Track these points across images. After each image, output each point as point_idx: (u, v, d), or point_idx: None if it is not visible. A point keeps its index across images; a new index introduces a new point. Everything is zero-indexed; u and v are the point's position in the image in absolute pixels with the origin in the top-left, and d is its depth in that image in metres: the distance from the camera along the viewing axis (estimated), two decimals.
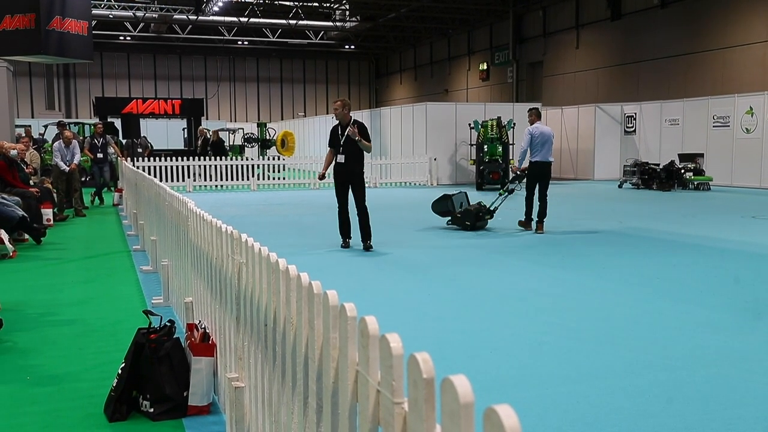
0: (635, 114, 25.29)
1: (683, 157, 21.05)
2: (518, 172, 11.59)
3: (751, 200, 16.78)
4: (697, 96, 24.16)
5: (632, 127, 25.39)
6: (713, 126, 22.04)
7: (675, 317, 5.85)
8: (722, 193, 19.21)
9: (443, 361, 4.61)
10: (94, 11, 31.60)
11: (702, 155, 21.14)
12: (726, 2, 25.58)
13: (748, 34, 24.82)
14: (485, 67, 41.10)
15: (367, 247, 9.28)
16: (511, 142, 22.10)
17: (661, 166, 20.72)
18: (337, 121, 9.20)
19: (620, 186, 21.53)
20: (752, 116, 20.72)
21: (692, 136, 22.75)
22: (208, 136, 23.85)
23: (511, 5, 36.78)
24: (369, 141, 9.21)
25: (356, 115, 29.91)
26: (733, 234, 10.79)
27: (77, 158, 14.13)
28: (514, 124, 22.56)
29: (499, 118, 21.73)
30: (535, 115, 11.19)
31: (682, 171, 20.33)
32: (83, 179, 16.40)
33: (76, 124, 26.17)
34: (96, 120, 24.88)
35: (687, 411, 3.81)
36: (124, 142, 22.27)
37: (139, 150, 21.98)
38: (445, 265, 8.32)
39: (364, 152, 9.24)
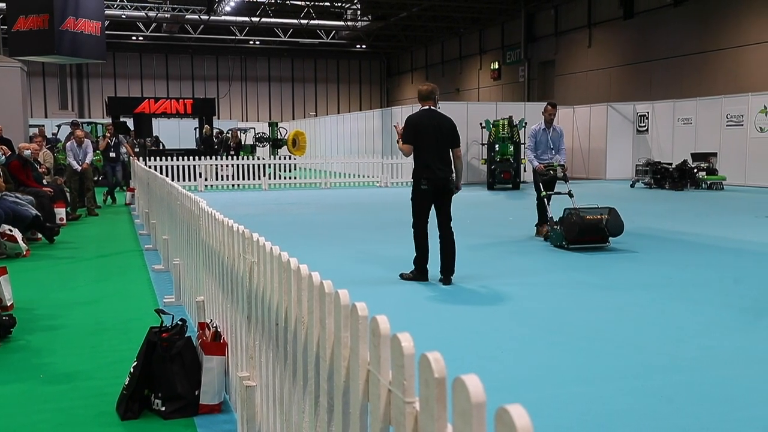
0: (648, 113, 25.15)
1: (696, 157, 20.91)
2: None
3: (765, 200, 16.64)
4: (710, 95, 23.97)
5: (645, 126, 25.25)
6: (726, 125, 21.87)
7: (688, 318, 5.81)
8: (735, 192, 19.07)
9: (454, 362, 4.60)
10: (107, 11, 31.74)
11: (715, 154, 20.99)
12: (739, 0, 25.39)
13: (762, 33, 24.63)
14: (497, 67, 41.00)
15: (403, 276, 7.40)
16: (522, 141, 22.02)
17: (673, 166, 20.60)
18: None
19: (632, 185, 21.43)
20: (766, 115, 20.54)
21: (705, 136, 22.58)
22: (211, 135, 24.00)
23: (522, 4, 36.66)
24: (404, 140, 7.13)
25: (367, 115, 29.95)
26: (746, 234, 10.71)
27: (89, 157, 14.21)
28: (526, 123, 22.48)
29: (510, 117, 21.67)
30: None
31: (695, 170, 20.21)
32: (96, 179, 16.48)
33: (89, 123, 26.32)
34: (108, 120, 25.03)
35: (701, 412, 3.79)
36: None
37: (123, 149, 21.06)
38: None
39: (410, 155, 7.17)
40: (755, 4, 24.81)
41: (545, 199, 10.05)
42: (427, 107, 7.23)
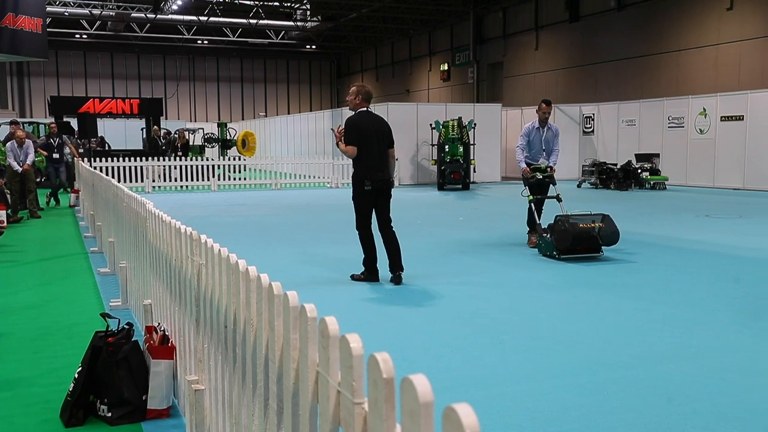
0: (593, 114, 25.68)
1: (640, 157, 21.45)
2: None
3: (705, 199, 17.17)
4: (652, 97, 24.62)
5: (590, 127, 25.78)
6: (668, 127, 22.50)
7: (633, 315, 5.95)
8: (677, 192, 19.61)
9: (403, 362, 4.62)
10: (49, 8, 30.96)
11: (658, 155, 21.56)
12: (679, 6, 26.12)
13: (700, 37, 25.38)
14: (446, 68, 41.32)
15: (354, 277, 7.44)
16: (471, 142, 22.24)
17: (618, 166, 21.09)
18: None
19: (579, 186, 21.84)
20: (705, 117, 21.20)
21: (648, 137, 23.19)
22: (159, 135, 23.67)
23: (471, 6, 37.03)
24: (347, 142, 7.08)
25: (317, 116, 29.84)
26: (687, 233, 11.03)
27: (31, 158, 13.84)
28: (475, 124, 22.72)
29: (460, 118, 21.86)
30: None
31: (639, 171, 20.72)
32: (38, 180, 16.05)
33: (30, 123, 25.60)
34: (51, 119, 24.41)
35: (644, 406, 3.89)
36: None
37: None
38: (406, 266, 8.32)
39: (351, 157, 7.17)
40: (695, 10, 25.55)
41: (532, 204, 9.46)
42: (365, 109, 7.30)
